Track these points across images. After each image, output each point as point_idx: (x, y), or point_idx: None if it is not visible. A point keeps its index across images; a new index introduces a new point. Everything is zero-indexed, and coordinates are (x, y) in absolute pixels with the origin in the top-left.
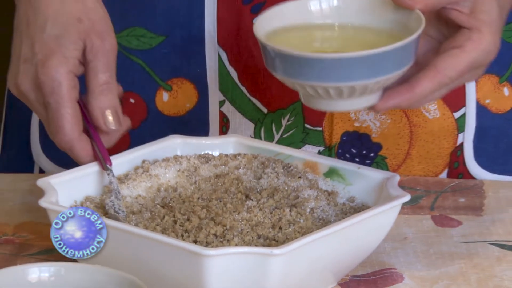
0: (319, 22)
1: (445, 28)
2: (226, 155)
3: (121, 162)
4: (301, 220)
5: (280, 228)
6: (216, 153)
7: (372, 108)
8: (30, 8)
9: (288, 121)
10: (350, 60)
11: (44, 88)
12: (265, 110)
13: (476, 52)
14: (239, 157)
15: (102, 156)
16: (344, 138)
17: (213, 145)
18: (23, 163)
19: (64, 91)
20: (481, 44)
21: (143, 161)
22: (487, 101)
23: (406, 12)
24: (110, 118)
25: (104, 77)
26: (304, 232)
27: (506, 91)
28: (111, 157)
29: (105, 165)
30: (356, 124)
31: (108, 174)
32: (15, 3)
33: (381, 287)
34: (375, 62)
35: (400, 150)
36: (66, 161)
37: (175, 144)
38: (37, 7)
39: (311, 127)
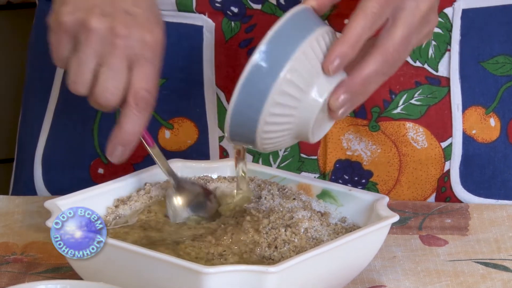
0: None
1: None
2: (224, 178)
3: (124, 185)
4: (296, 240)
5: (276, 247)
6: (214, 176)
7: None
8: None
9: (284, 151)
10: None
11: (154, 42)
12: None
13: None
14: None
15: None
16: (337, 165)
17: (212, 168)
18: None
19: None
20: None
21: (145, 184)
22: (473, 132)
23: None
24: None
25: None
26: (299, 251)
27: (492, 121)
28: (114, 180)
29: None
30: (348, 153)
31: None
32: None
33: None
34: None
35: (390, 177)
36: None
37: (176, 167)
38: None
39: (307, 156)
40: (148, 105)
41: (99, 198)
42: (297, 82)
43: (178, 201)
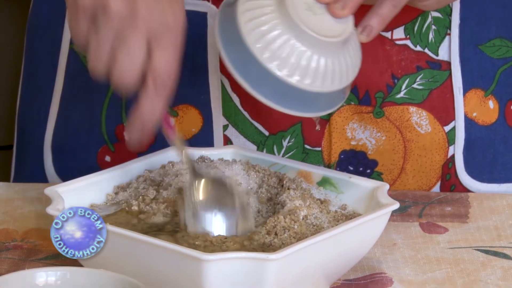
0: None
1: None
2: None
3: (124, 172)
4: (296, 226)
5: (276, 234)
6: None
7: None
8: None
9: (288, 142)
10: None
11: (176, 24)
12: (266, 133)
13: None
14: None
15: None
16: (342, 156)
17: (212, 155)
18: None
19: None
20: None
21: (145, 170)
22: (474, 114)
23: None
24: None
25: None
26: (299, 237)
27: (491, 104)
28: (114, 167)
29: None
30: (353, 143)
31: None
32: None
33: None
34: None
35: (395, 165)
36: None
37: (175, 154)
38: None
39: (311, 148)
40: (166, 87)
41: (99, 185)
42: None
43: (196, 200)
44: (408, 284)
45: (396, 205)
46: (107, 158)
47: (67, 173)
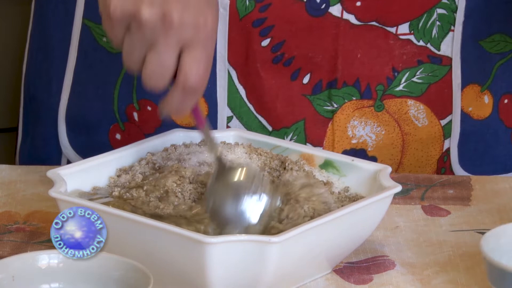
0: None
1: None
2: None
3: (126, 154)
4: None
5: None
6: None
7: None
8: None
9: (291, 139)
10: None
11: (208, 28)
12: (269, 128)
13: None
14: None
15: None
16: None
17: (215, 138)
18: (51, 154)
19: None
20: None
21: (147, 153)
22: (469, 109)
23: None
24: None
25: None
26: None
27: (486, 99)
28: (116, 150)
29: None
30: (354, 141)
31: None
32: None
33: (373, 274)
34: None
35: (393, 160)
36: (90, 153)
37: (178, 137)
38: None
39: (313, 146)
40: (196, 90)
41: (102, 168)
42: None
43: (218, 193)
44: (410, 267)
45: (399, 188)
46: (118, 136)
47: (81, 146)
